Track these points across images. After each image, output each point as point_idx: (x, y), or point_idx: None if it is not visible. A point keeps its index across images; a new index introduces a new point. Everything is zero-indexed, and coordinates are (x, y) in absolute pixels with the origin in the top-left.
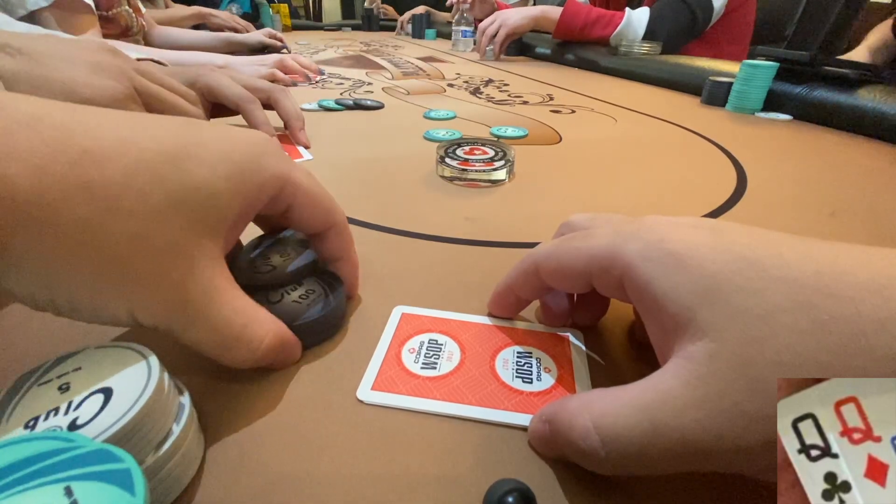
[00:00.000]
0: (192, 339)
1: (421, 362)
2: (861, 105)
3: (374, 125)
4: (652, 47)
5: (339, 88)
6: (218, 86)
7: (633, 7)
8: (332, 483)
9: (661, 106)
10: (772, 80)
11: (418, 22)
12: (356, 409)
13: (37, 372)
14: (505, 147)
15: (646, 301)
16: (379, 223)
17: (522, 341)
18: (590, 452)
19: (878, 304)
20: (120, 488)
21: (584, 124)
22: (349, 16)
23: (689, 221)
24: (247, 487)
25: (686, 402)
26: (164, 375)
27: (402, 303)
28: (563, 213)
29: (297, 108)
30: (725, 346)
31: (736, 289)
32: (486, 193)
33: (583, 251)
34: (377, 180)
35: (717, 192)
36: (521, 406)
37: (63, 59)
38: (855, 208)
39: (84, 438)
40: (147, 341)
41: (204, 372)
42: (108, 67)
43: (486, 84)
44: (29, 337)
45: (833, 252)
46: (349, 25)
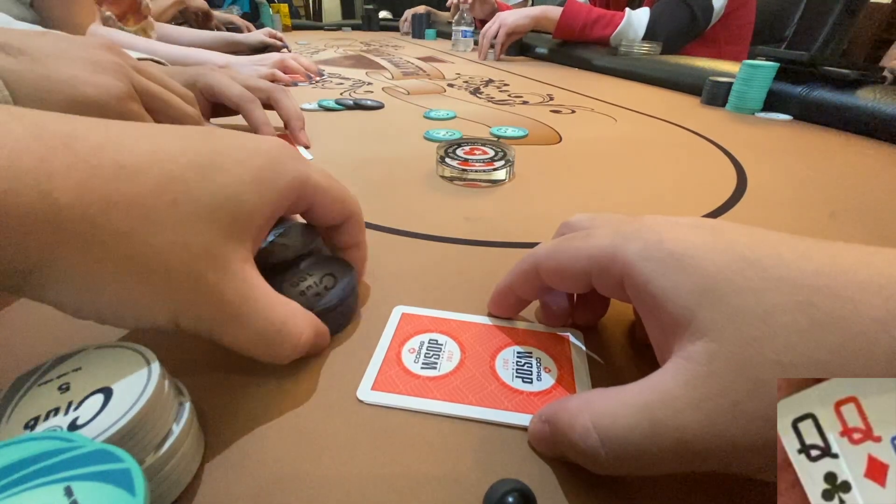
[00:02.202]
0: (235, 340)
1: (421, 362)
2: (861, 105)
3: (374, 125)
4: (652, 47)
5: (339, 88)
6: (218, 85)
7: (633, 7)
8: (332, 483)
9: (661, 106)
10: (772, 80)
11: (418, 22)
12: (356, 409)
13: (37, 372)
14: (505, 147)
15: (645, 301)
16: (379, 223)
17: (522, 341)
18: (590, 452)
19: (878, 303)
20: (120, 488)
21: (584, 124)
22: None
23: (688, 221)
24: (247, 487)
25: (686, 401)
26: (165, 375)
27: (402, 303)
28: (563, 213)
29: (298, 107)
30: (725, 346)
31: (735, 289)
32: (486, 193)
33: (583, 251)
34: (377, 180)
35: (717, 192)
36: (521, 406)
37: (64, 58)
38: (855, 208)
39: (84, 438)
40: (147, 341)
41: (204, 372)
42: (108, 66)
43: (486, 84)
44: (29, 337)
45: (832, 252)
46: (349, 25)
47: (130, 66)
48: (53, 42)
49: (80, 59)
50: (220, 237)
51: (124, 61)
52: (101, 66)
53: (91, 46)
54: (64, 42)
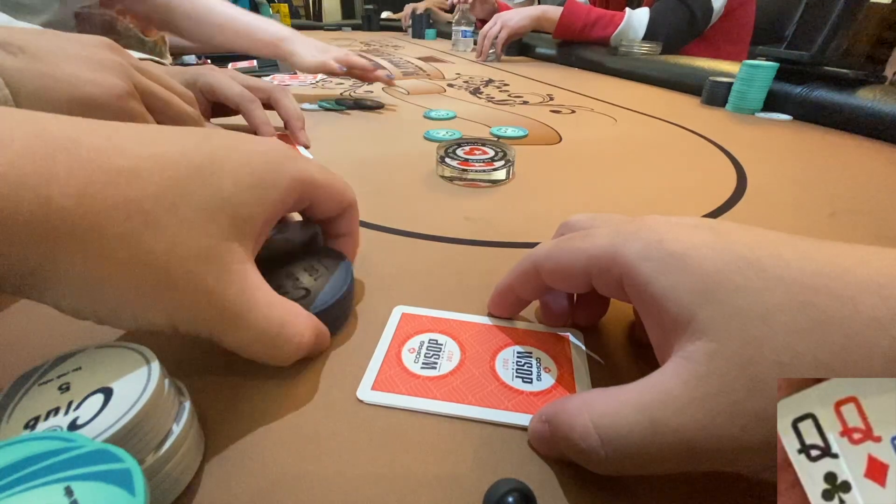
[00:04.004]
0: (236, 342)
1: (421, 362)
2: (861, 105)
3: (374, 125)
4: (652, 47)
5: (339, 88)
6: (219, 85)
7: (633, 7)
8: (332, 483)
9: (661, 106)
10: (772, 80)
11: (418, 22)
12: (356, 409)
13: (37, 372)
14: (505, 147)
15: (645, 301)
16: (379, 223)
17: (522, 341)
18: (590, 452)
19: (877, 303)
20: (120, 488)
21: (584, 124)
22: (349, 16)
23: (688, 221)
24: (247, 487)
25: (685, 401)
26: (165, 375)
27: (402, 303)
28: (563, 213)
29: (298, 107)
30: (725, 346)
31: (735, 288)
32: (486, 193)
33: (582, 251)
34: (377, 180)
35: (717, 192)
36: (521, 406)
37: (65, 57)
38: (855, 208)
39: (84, 438)
40: (147, 341)
41: (204, 372)
42: (109, 64)
43: (486, 84)
44: (29, 337)
45: (832, 252)
46: (349, 25)
47: (131, 65)
48: (54, 40)
49: (80, 57)
50: (219, 240)
51: (125, 60)
52: (102, 64)
53: (92, 45)
54: (64, 41)
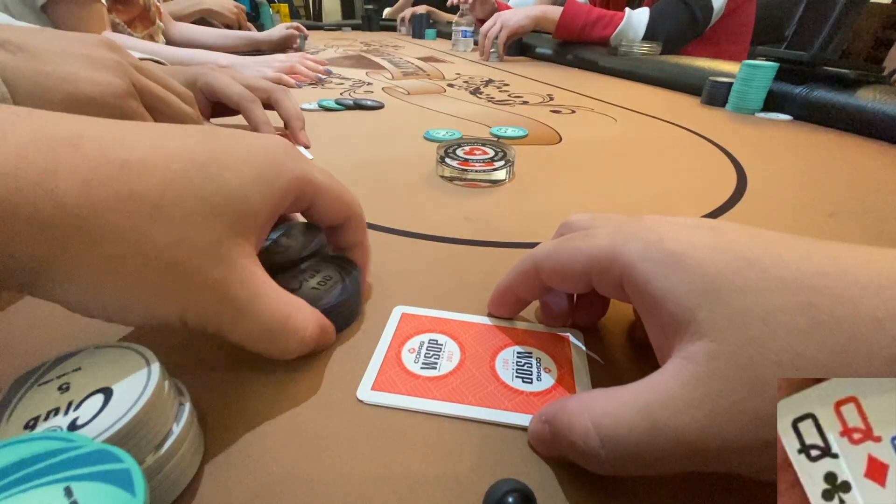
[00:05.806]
0: (242, 335)
1: (421, 362)
2: (861, 105)
3: (374, 125)
4: (652, 47)
5: (339, 88)
6: (219, 85)
7: (633, 7)
8: (332, 483)
9: (661, 106)
10: (772, 80)
11: (418, 22)
12: (356, 409)
13: (37, 372)
14: (505, 147)
15: (645, 301)
16: (379, 223)
17: (522, 341)
18: (590, 453)
19: (878, 304)
20: (120, 488)
21: (584, 124)
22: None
23: (688, 221)
24: (247, 487)
25: (685, 402)
26: (164, 376)
27: (402, 303)
28: (563, 213)
29: (298, 107)
30: (725, 346)
31: (735, 289)
32: (486, 193)
33: (582, 251)
34: (377, 180)
35: (717, 192)
36: (521, 406)
37: (63, 55)
38: (855, 208)
39: (84, 438)
40: (147, 341)
41: (204, 372)
42: (107, 63)
43: (486, 84)
44: (29, 337)
45: (833, 252)
46: (349, 25)
47: (130, 65)
48: (53, 39)
49: (79, 56)
50: (224, 233)
51: (124, 59)
52: (101, 63)
53: (91, 44)
54: (63, 39)
